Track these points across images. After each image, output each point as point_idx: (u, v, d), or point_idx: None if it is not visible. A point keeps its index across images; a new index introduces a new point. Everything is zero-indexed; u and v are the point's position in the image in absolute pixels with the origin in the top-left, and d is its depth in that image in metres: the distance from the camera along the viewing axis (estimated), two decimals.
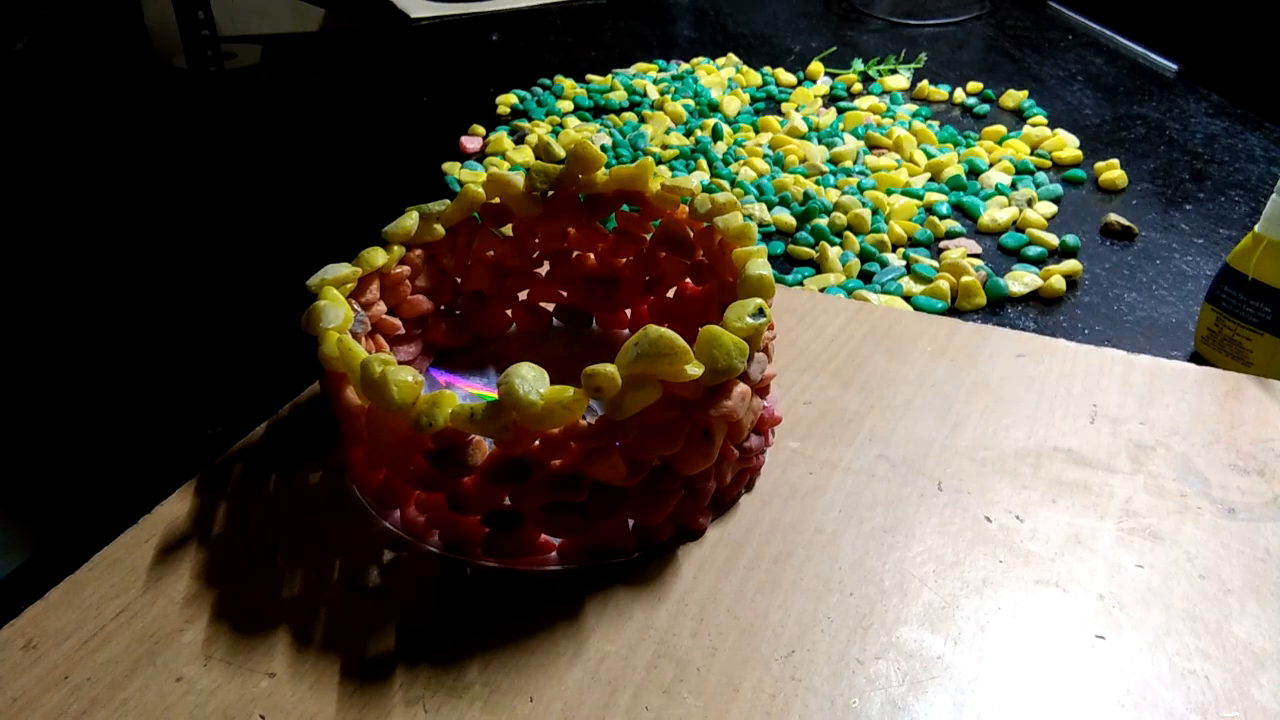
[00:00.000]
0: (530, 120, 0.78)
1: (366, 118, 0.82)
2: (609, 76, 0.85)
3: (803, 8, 1.04)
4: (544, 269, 0.48)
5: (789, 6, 1.05)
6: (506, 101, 0.82)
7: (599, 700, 0.31)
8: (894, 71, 0.85)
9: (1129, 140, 0.74)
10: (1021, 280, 0.55)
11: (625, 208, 0.45)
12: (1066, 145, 0.71)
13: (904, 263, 0.57)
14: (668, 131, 0.74)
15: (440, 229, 0.44)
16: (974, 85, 0.82)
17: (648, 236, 0.46)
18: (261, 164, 0.74)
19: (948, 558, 0.36)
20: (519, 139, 0.75)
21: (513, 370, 0.32)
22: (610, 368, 0.32)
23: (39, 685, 0.31)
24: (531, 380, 0.32)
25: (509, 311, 0.49)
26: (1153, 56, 0.89)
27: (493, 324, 0.49)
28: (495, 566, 0.36)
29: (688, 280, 0.46)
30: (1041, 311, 0.54)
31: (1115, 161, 0.68)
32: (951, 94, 0.81)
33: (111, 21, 1.78)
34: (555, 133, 0.75)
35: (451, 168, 0.70)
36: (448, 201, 0.44)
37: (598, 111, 0.80)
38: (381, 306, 0.42)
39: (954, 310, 0.54)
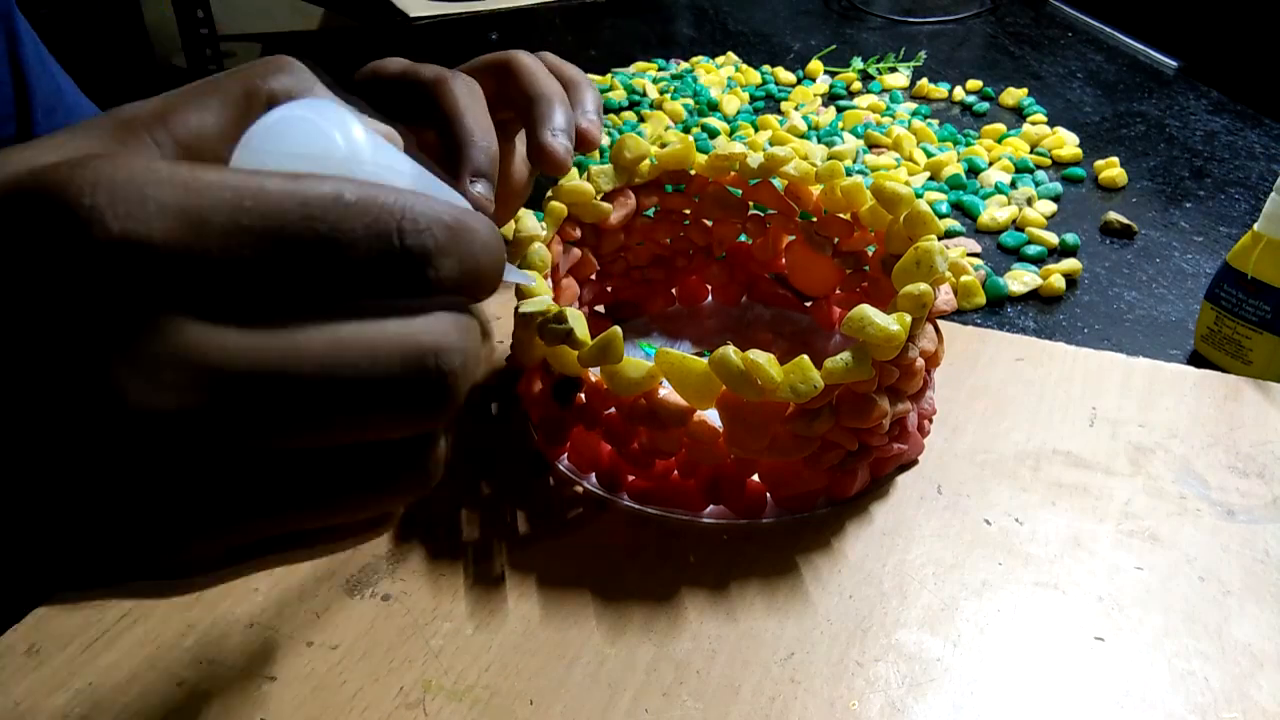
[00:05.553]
0: None
1: None
2: (608, 75, 0.85)
3: (802, 6, 1.04)
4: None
5: (788, 5, 1.05)
6: None
7: (599, 703, 0.31)
8: (893, 70, 0.85)
9: (1129, 138, 0.74)
10: (1021, 279, 0.55)
11: (669, 188, 0.47)
12: (1066, 143, 0.71)
13: None
14: (666, 129, 0.74)
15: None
16: (973, 83, 0.82)
17: (688, 211, 0.48)
18: None
19: (947, 560, 0.36)
20: None
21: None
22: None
23: (42, 689, 0.31)
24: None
25: None
26: (1152, 54, 0.88)
27: None
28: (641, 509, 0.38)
29: (742, 238, 0.49)
30: (1041, 310, 0.54)
31: (1115, 159, 0.68)
32: (951, 92, 0.81)
33: (111, 21, 1.77)
34: None
35: None
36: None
37: None
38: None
39: (954, 309, 0.54)
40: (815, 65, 0.86)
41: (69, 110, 0.52)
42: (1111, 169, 0.67)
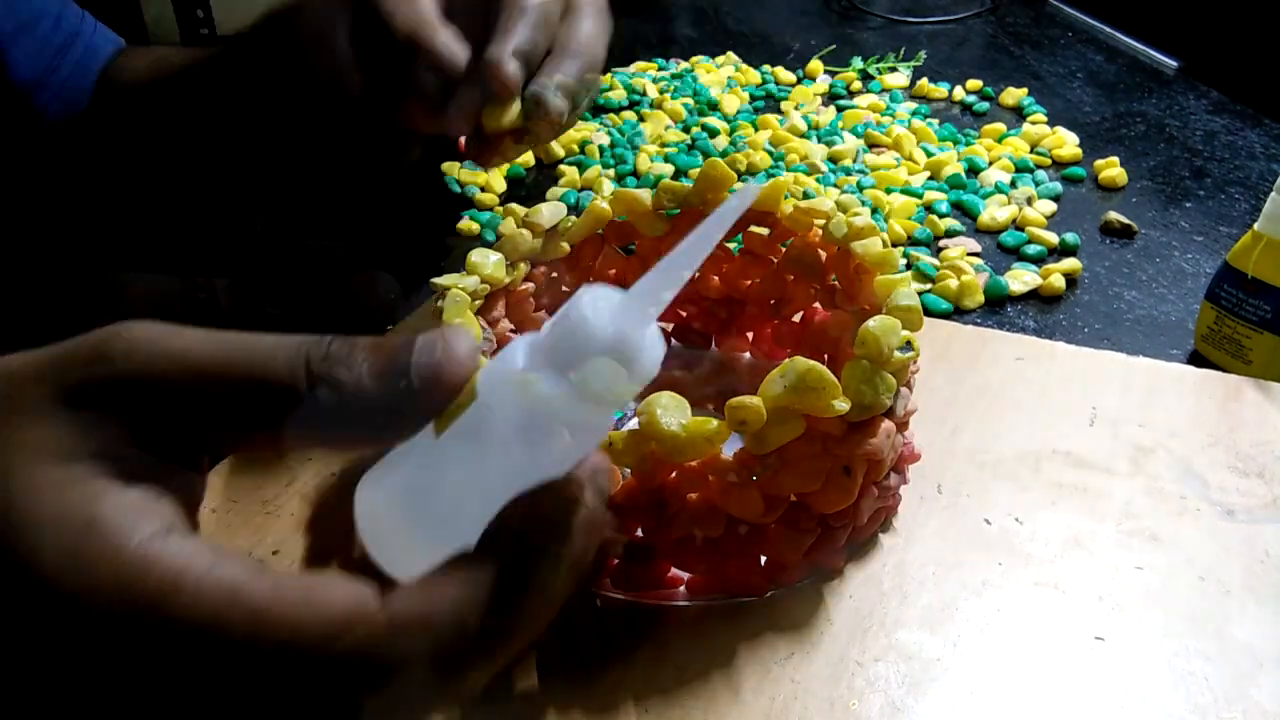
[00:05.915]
0: None
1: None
2: (608, 75, 0.85)
3: (802, 5, 1.04)
4: None
5: (788, 4, 1.05)
6: None
7: (599, 702, 0.31)
8: (893, 69, 0.85)
9: (1129, 138, 0.73)
10: (1021, 279, 0.55)
11: (753, 228, 0.44)
12: (1066, 143, 0.70)
13: (904, 260, 0.57)
14: (666, 129, 0.74)
15: (566, 246, 0.42)
16: (973, 83, 0.81)
17: (775, 260, 0.44)
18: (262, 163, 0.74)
19: (947, 560, 0.36)
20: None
21: (653, 400, 0.31)
22: (756, 401, 0.31)
23: None
24: (673, 411, 0.31)
25: None
26: (1153, 53, 0.88)
27: None
28: (622, 598, 0.35)
29: (816, 305, 0.44)
30: (1041, 310, 0.54)
31: (1115, 159, 0.68)
32: (951, 92, 0.81)
33: (112, 21, 1.77)
34: None
35: (451, 168, 0.70)
36: (574, 217, 0.43)
37: (597, 110, 0.80)
38: (506, 324, 0.42)
39: (953, 309, 0.54)
40: (815, 65, 0.86)
41: None
42: (1111, 169, 0.67)
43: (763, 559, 0.35)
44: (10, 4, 0.50)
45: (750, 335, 0.47)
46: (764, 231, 0.44)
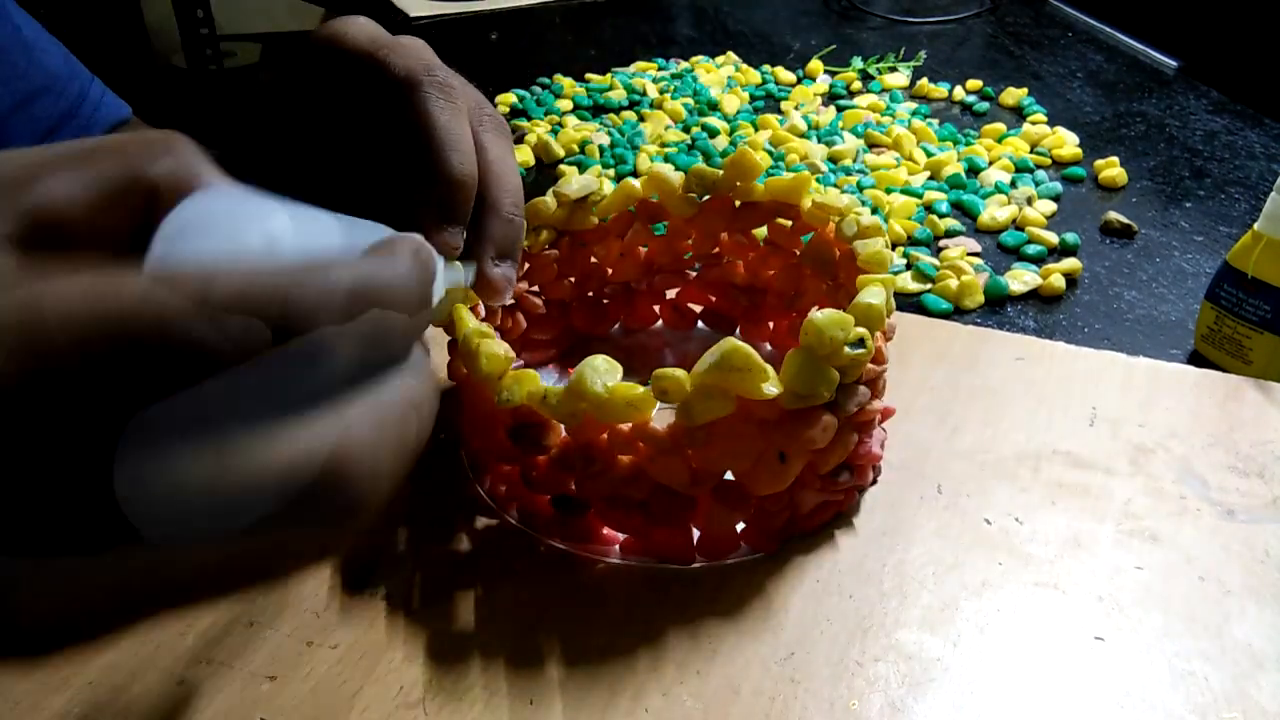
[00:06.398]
0: (529, 119, 0.78)
1: None
2: (608, 75, 0.85)
3: (802, 5, 1.04)
4: (691, 271, 0.48)
5: (788, 4, 1.05)
6: (505, 101, 0.82)
7: (599, 702, 0.31)
8: (893, 69, 0.85)
9: (1129, 138, 0.73)
10: (1021, 279, 0.55)
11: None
12: (1066, 143, 0.70)
13: (904, 260, 0.57)
14: (666, 129, 0.74)
15: (594, 219, 0.44)
16: (973, 83, 0.81)
17: (796, 252, 0.45)
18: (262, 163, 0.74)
19: (947, 560, 0.36)
20: (518, 139, 0.75)
21: (587, 361, 0.32)
22: (679, 373, 0.32)
23: (41, 689, 0.31)
24: (603, 372, 0.32)
25: (656, 308, 0.49)
26: (1153, 53, 0.88)
27: (638, 317, 0.49)
28: (562, 548, 0.37)
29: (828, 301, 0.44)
30: (1041, 310, 0.54)
31: (1115, 159, 0.68)
32: (951, 92, 0.81)
33: (112, 21, 1.77)
34: (554, 132, 0.75)
35: None
36: (604, 192, 0.44)
37: (597, 110, 0.80)
38: (524, 285, 0.44)
39: (954, 309, 0.54)
40: (815, 65, 0.86)
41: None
42: (1111, 169, 0.67)
43: (695, 534, 0.36)
44: (9, 83, 0.50)
45: (771, 325, 0.48)
46: (787, 224, 0.44)
